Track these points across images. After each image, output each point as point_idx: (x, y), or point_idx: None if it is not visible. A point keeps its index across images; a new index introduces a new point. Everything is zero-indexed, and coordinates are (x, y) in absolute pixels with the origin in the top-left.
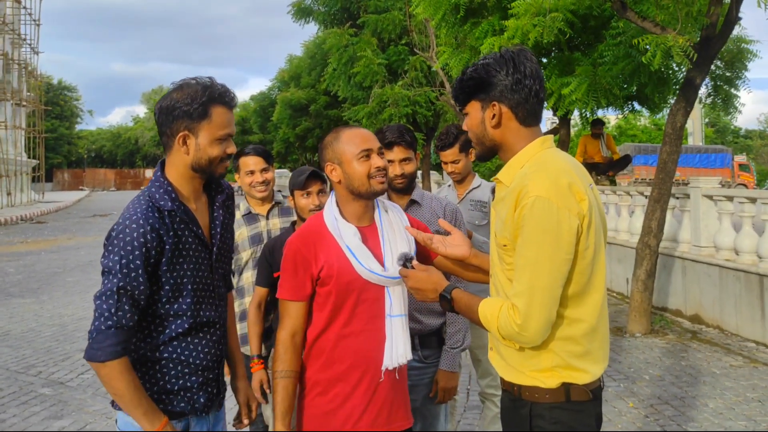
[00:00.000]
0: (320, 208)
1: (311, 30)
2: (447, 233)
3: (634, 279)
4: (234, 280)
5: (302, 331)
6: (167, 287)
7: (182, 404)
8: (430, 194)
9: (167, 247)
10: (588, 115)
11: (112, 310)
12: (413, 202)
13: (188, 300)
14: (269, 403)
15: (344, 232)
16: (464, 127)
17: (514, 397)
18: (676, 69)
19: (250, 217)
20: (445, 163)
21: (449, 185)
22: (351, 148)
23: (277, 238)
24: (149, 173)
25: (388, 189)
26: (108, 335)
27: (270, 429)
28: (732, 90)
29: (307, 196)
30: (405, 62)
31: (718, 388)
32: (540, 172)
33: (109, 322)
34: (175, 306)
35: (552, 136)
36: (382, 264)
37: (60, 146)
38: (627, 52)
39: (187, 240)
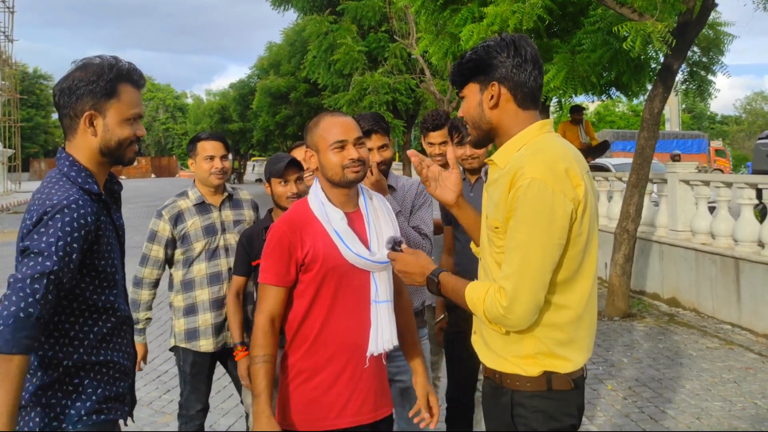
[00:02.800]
0: (298, 195)
1: (291, 17)
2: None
3: (612, 263)
4: (180, 272)
5: (280, 317)
6: (102, 275)
7: (119, 412)
8: (404, 178)
9: (100, 232)
10: (567, 102)
11: (37, 296)
12: (388, 186)
13: (115, 291)
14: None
15: (332, 217)
16: (460, 113)
17: (496, 385)
18: (653, 55)
19: (203, 207)
20: (432, 144)
21: None
22: (327, 138)
23: (255, 227)
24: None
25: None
26: (26, 325)
27: (252, 413)
28: (708, 76)
29: (284, 183)
30: (385, 49)
31: (695, 369)
32: (537, 155)
33: (31, 310)
34: (103, 298)
35: (551, 120)
36: (368, 249)
37: (36, 135)
38: (605, 39)
39: (108, 227)
